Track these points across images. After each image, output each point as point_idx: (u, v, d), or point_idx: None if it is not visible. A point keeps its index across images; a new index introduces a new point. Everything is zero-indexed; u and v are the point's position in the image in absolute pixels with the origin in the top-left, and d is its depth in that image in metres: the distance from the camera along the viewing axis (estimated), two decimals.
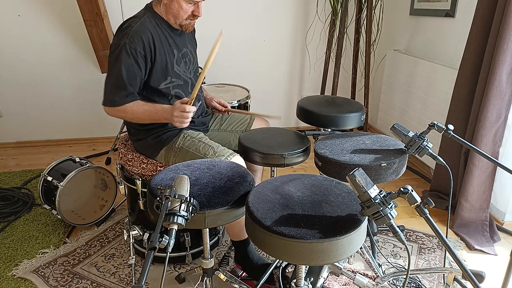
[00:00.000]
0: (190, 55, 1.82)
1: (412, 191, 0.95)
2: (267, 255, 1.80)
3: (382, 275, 1.73)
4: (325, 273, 1.61)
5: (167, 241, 0.85)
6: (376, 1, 3.17)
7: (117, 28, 1.66)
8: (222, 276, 1.61)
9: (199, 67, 1.94)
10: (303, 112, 1.95)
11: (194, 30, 1.89)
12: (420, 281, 1.80)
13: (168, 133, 1.74)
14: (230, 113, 2.04)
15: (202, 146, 1.67)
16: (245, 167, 1.59)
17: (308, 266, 1.56)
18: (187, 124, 1.60)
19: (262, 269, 1.69)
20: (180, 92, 1.75)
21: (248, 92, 2.55)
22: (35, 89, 3.25)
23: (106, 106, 1.65)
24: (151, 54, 1.62)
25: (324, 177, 1.31)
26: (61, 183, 2.04)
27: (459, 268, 1.26)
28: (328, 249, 0.99)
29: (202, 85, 2.14)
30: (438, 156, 1.39)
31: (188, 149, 1.69)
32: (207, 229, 1.42)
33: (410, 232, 2.18)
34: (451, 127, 1.36)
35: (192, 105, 1.57)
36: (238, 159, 1.63)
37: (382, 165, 1.38)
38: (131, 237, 1.71)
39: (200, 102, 1.88)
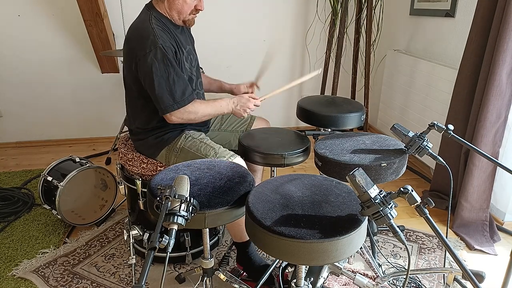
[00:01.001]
0: (192, 52, 1.82)
1: (412, 191, 0.94)
2: (267, 255, 1.80)
3: (382, 275, 1.73)
4: (325, 273, 1.61)
5: (167, 241, 0.85)
6: (376, 1, 3.17)
7: (129, 32, 1.64)
8: (222, 276, 1.61)
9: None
10: (303, 112, 1.94)
11: (189, 27, 1.89)
12: (420, 281, 1.80)
13: (170, 134, 1.74)
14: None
15: (204, 147, 1.67)
16: (246, 167, 1.60)
17: (308, 266, 1.56)
18: (246, 114, 1.74)
19: (263, 271, 1.69)
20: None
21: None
22: (35, 89, 3.25)
23: (174, 109, 1.59)
24: (176, 52, 1.63)
25: (324, 177, 1.31)
26: (61, 183, 2.04)
27: (459, 268, 1.26)
28: (328, 249, 0.99)
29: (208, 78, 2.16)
30: (438, 156, 1.39)
31: (189, 150, 1.69)
32: (207, 229, 1.42)
33: (410, 232, 2.18)
34: (451, 127, 1.36)
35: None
36: (239, 161, 1.63)
37: (382, 165, 1.38)
38: (131, 237, 1.71)
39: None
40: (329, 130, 1.97)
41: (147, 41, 1.55)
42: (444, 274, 1.81)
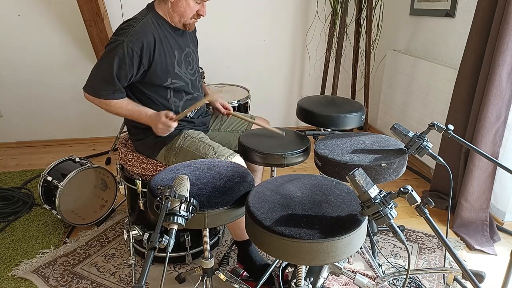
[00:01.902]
0: (193, 54, 1.82)
1: (412, 191, 0.95)
2: (267, 255, 1.80)
3: (382, 275, 1.73)
4: (325, 273, 1.61)
5: (167, 241, 0.85)
6: (376, 1, 3.17)
7: (119, 26, 1.66)
8: (222, 276, 1.61)
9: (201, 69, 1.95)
10: (303, 112, 1.94)
11: (195, 29, 1.89)
12: (420, 281, 1.80)
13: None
14: (229, 115, 2.04)
15: (203, 146, 1.67)
16: (246, 167, 1.60)
17: (308, 266, 1.56)
18: (166, 135, 1.67)
19: (263, 270, 1.69)
20: (180, 93, 1.75)
21: (248, 92, 2.55)
22: (35, 89, 3.25)
23: (89, 94, 1.68)
24: (148, 57, 1.61)
25: (324, 177, 1.31)
26: (61, 183, 2.04)
27: (459, 268, 1.26)
28: (328, 249, 0.99)
29: (204, 84, 2.15)
30: (438, 156, 1.39)
31: (188, 149, 1.69)
32: (207, 229, 1.42)
33: (410, 232, 2.18)
34: (451, 127, 1.36)
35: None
36: (238, 159, 1.63)
37: (382, 165, 1.38)
38: (131, 237, 1.71)
39: None
40: (329, 130, 1.97)
41: (120, 31, 1.60)
42: (444, 274, 1.81)
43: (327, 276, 1.65)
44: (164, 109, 1.70)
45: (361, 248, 1.73)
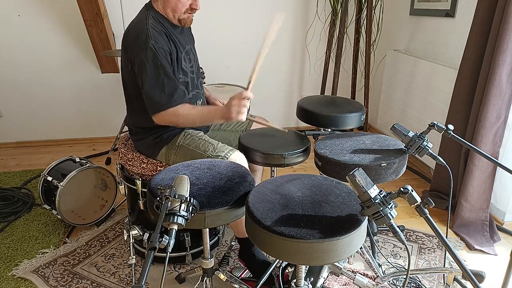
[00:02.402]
0: (192, 52, 1.82)
1: (412, 191, 0.94)
2: (267, 255, 1.80)
3: (382, 275, 1.73)
4: (325, 273, 1.61)
5: (167, 241, 0.85)
6: (376, 1, 3.17)
7: (127, 36, 1.64)
8: (222, 276, 1.61)
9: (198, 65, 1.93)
10: (303, 112, 1.95)
11: (189, 27, 1.89)
12: (420, 281, 1.80)
13: (169, 133, 1.74)
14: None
15: (202, 143, 1.68)
16: (246, 164, 1.59)
17: (308, 266, 1.56)
18: (244, 115, 1.50)
19: (264, 268, 1.69)
20: (184, 89, 1.75)
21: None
22: (35, 89, 3.25)
23: (163, 110, 1.57)
24: (171, 52, 1.61)
25: (324, 177, 1.31)
26: (61, 183, 2.04)
27: (459, 268, 1.26)
28: (328, 249, 0.99)
29: (203, 84, 2.14)
30: (438, 156, 1.39)
31: (188, 147, 1.69)
32: (207, 229, 1.42)
33: (410, 232, 2.18)
34: (451, 127, 1.36)
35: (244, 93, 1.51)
36: (238, 156, 1.63)
37: (382, 165, 1.38)
38: (131, 237, 1.71)
39: (202, 101, 1.88)
40: (329, 130, 1.97)
41: (139, 41, 1.56)
42: (444, 274, 1.81)
43: (327, 276, 1.65)
44: None
45: (361, 248, 1.73)
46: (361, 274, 1.81)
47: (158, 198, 0.98)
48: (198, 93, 1.84)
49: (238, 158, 1.61)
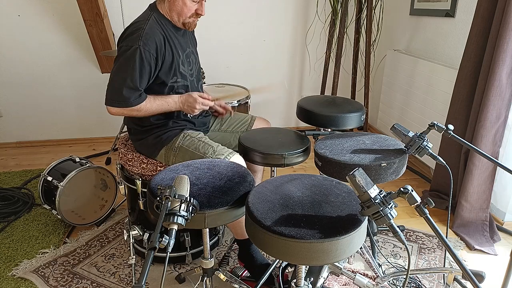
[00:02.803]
0: (193, 55, 1.82)
1: (412, 191, 0.94)
2: (267, 255, 1.80)
3: (382, 275, 1.73)
4: (325, 273, 1.61)
5: (167, 241, 0.85)
6: (376, 1, 3.17)
7: (124, 30, 1.65)
8: (222, 276, 1.61)
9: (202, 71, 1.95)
10: (303, 112, 1.95)
11: (193, 30, 1.89)
12: (420, 281, 1.80)
13: (168, 133, 1.74)
14: (232, 113, 2.03)
15: (202, 145, 1.68)
16: (245, 166, 1.60)
17: (308, 266, 1.56)
18: (196, 112, 1.70)
19: (264, 269, 1.69)
20: (182, 93, 1.75)
21: (248, 92, 2.55)
22: (35, 89, 3.25)
23: (115, 106, 1.62)
24: (162, 56, 1.62)
25: (324, 177, 1.31)
26: (61, 183, 2.04)
27: (459, 268, 1.26)
28: (328, 249, 0.99)
29: (203, 85, 2.15)
30: (438, 156, 1.39)
31: (187, 148, 1.69)
32: (207, 229, 1.42)
33: (410, 232, 2.18)
34: (451, 127, 1.36)
35: (207, 109, 1.71)
36: (238, 158, 1.63)
37: (382, 165, 1.38)
38: (131, 237, 1.71)
39: None
40: (329, 130, 1.97)
41: (131, 37, 1.59)
42: (444, 274, 1.81)
43: (327, 276, 1.65)
44: None
45: (361, 248, 1.74)
46: (361, 274, 1.81)
47: (158, 198, 0.98)
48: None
49: (237, 161, 1.61)
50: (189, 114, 1.78)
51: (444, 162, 1.39)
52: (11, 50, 3.10)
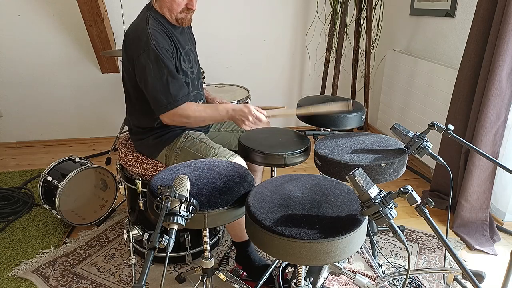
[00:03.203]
0: (192, 53, 1.82)
1: (412, 191, 0.94)
2: (267, 255, 1.80)
3: (382, 275, 1.73)
4: (325, 273, 1.61)
5: (167, 241, 0.85)
6: (376, 1, 3.17)
7: (127, 35, 1.64)
8: (222, 276, 1.61)
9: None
10: None
11: (190, 27, 1.89)
12: (420, 281, 1.80)
13: (170, 133, 1.74)
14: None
15: (204, 147, 1.67)
16: (246, 168, 1.59)
17: (308, 266, 1.56)
18: (245, 125, 1.58)
19: (262, 270, 1.69)
20: (189, 87, 1.75)
21: (248, 92, 2.55)
22: (35, 89, 3.25)
23: (169, 111, 1.57)
24: (172, 50, 1.61)
25: (324, 177, 1.31)
26: (61, 183, 2.04)
27: (459, 268, 1.26)
28: (328, 249, 0.99)
29: (203, 84, 2.15)
30: (438, 156, 1.39)
31: (189, 150, 1.69)
32: (207, 229, 1.42)
33: (410, 232, 2.18)
34: (451, 127, 1.36)
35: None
36: (239, 161, 1.63)
37: (382, 165, 1.38)
38: (131, 237, 1.71)
39: (202, 102, 1.88)
40: (329, 130, 1.97)
41: (141, 42, 1.56)
42: (444, 274, 1.81)
43: (327, 276, 1.65)
44: None
45: (361, 248, 1.74)
46: (361, 274, 1.81)
47: (158, 198, 0.98)
48: (199, 93, 1.84)
49: (239, 163, 1.61)
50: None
51: (444, 162, 1.39)
52: (11, 50, 3.10)
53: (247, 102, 2.40)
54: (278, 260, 1.74)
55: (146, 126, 1.74)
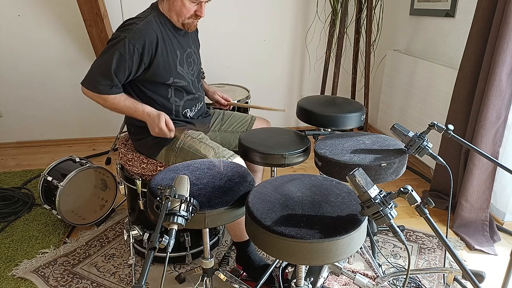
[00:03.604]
0: (194, 55, 1.81)
1: (412, 191, 0.94)
2: (267, 255, 1.80)
3: (382, 275, 1.73)
4: (325, 273, 1.61)
5: (167, 241, 0.85)
6: (376, 1, 3.17)
7: (122, 23, 1.66)
8: (222, 276, 1.61)
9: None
10: (303, 112, 1.95)
11: (197, 30, 1.89)
12: (420, 281, 1.80)
13: None
14: (231, 112, 2.04)
15: (203, 147, 1.67)
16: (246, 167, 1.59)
17: (308, 266, 1.56)
18: (154, 132, 1.63)
19: (262, 270, 1.69)
20: (181, 92, 1.75)
21: (248, 92, 2.55)
22: (35, 89, 3.25)
23: (86, 88, 1.66)
24: (150, 55, 1.61)
25: (324, 177, 1.31)
26: (61, 183, 2.04)
27: (459, 268, 1.26)
28: (328, 249, 0.99)
29: (204, 82, 2.15)
30: (438, 156, 1.39)
31: (188, 150, 1.69)
32: (207, 229, 1.42)
33: (410, 232, 2.18)
34: (451, 127, 1.36)
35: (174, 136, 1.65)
36: (239, 161, 1.63)
37: (382, 165, 1.38)
38: (131, 237, 1.71)
39: (202, 104, 1.88)
40: (329, 130, 1.97)
41: (122, 28, 1.61)
42: (444, 274, 1.81)
43: (327, 276, 1.65)
44: (165, 109, 1.70)
45: (361, 248, 1.74)
46: (361, 274, 1.81)
47: (158, 198, 0.98)
48: (200, 96, 1.84)
49: (239, 163, 1.61)
50: (188, 115, 1.77)
51: (444, 162, 1.39)
52: (11, 50, 3.10)
53: (247, 102, 2.40)
54: (278, 260, 1.74)
55: (143, 123, 1.73)
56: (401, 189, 0.96)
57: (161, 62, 1.64)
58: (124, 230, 1.85)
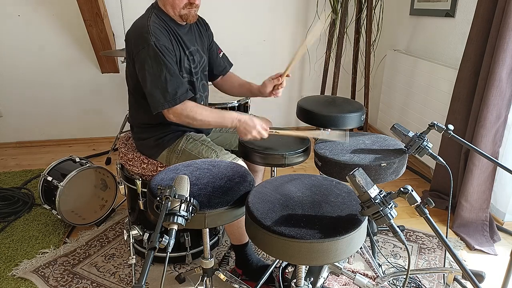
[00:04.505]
0: (198, 53, 1.79)
1: (412, 191, 0.94)
2: (267, 255, 1.80)
3: (382, 275, 1.73)
4: (325, 273, 1.61)
5: (167, 241, 0.85)
6: (376, 1, 3.17)
7: (129, 33, 1.63)
8: (222, 276, 1.61)
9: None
10: (303, 112, 1.94)
11: (206, 26, 1.88)
12: (420, 281, 1.80)
13: (171, 135, 1.73)
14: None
15: (205, 149, 1.67)
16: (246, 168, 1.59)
17: (308, 266, 1.56)
18: (247, 138, 1.58)
19: (262, 272, 1.69)
20: (189, 87, 1.74)
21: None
22: (35, 89, 3.25)
23: (165, 108, 1.56)
24: (173, 47, 1.60)
25: (324, 177, 1.31)
26: (61, 183, 2.04)
27: (459, 268, 1.26)
28: (328, 249, 0.99)
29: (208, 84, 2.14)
30: (438, 156, 1.39)
31: (190, 152, 1.69)
32: (207, 229, 1.42)
33: (410, 232, 2.18)
34: (451, 127, 1.36)
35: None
36: (241, 164, 1.63)
37: (382, 165, 1.38)
38: (131, 237, 1.71)
39: (203, 103, 1.88)
40: (329, 130, 1.97)
41: (141, 38, 1.56)
42: (444, 274, 1.81)
43: (327, 276, 1.65)
44: None
45: (361, 248, 1.74)
46: (361, 274, 1.81)
47: (158, 198, 0.98)
48: (201, 96, 1.83)
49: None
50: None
51: (444, 162, 1.39)
52: (11, 50, 3.10)
53: (247, 102, 2.40)
54: (278, 260, 1.74)
55: (148, 122, 1.73)
56: (401, 189, 0.96)
57: (177, 54, 1.63)
58: (124, 230, 1.85)
